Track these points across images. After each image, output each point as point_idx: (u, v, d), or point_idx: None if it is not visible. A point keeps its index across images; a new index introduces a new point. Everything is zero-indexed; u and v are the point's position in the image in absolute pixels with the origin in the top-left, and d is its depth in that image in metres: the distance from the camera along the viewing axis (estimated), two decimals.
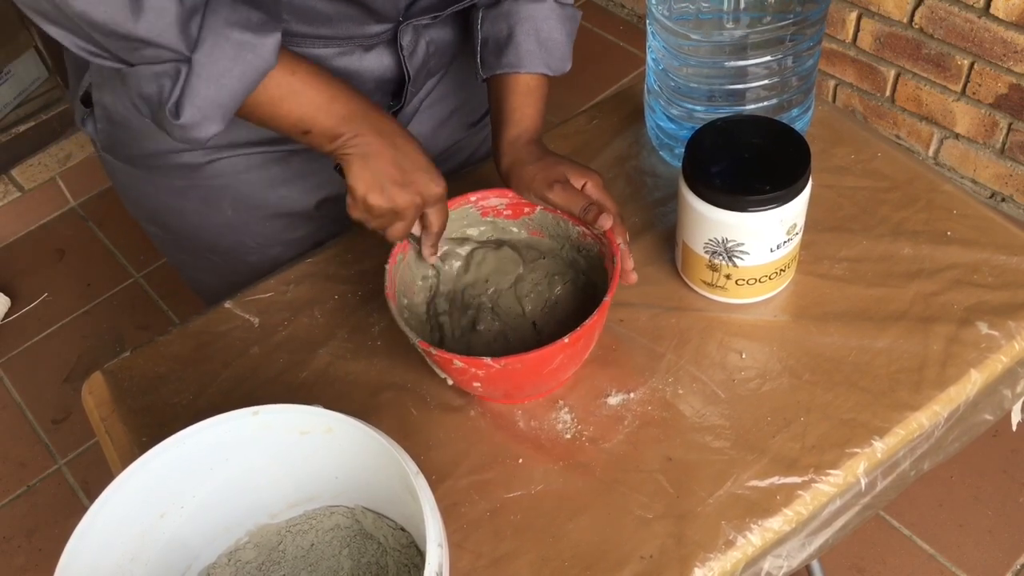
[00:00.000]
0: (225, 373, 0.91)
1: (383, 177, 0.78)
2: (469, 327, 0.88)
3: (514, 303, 0.89)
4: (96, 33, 0.67)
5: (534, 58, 0.88)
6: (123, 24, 0.66)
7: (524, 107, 0.88)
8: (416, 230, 0.84)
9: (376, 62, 0.88)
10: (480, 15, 0.90)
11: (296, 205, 0.99)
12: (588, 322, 0.75)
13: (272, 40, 0.72)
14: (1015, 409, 0.89)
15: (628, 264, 0.82)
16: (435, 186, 0.81)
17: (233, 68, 0.71)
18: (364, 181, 0.78)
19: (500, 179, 0.88)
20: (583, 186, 0.84)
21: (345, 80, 0.80)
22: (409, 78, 0.91)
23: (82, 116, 0.96)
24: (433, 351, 0.76)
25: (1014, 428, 0.92)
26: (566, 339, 0.74)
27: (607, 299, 0.77)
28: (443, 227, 0.84)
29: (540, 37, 0.88)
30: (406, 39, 0.88)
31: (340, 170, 0.80)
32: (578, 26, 0.92)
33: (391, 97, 0.95)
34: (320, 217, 1.02)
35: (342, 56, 0.86)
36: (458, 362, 0.76)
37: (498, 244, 0.91)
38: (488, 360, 0.74)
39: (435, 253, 0.86)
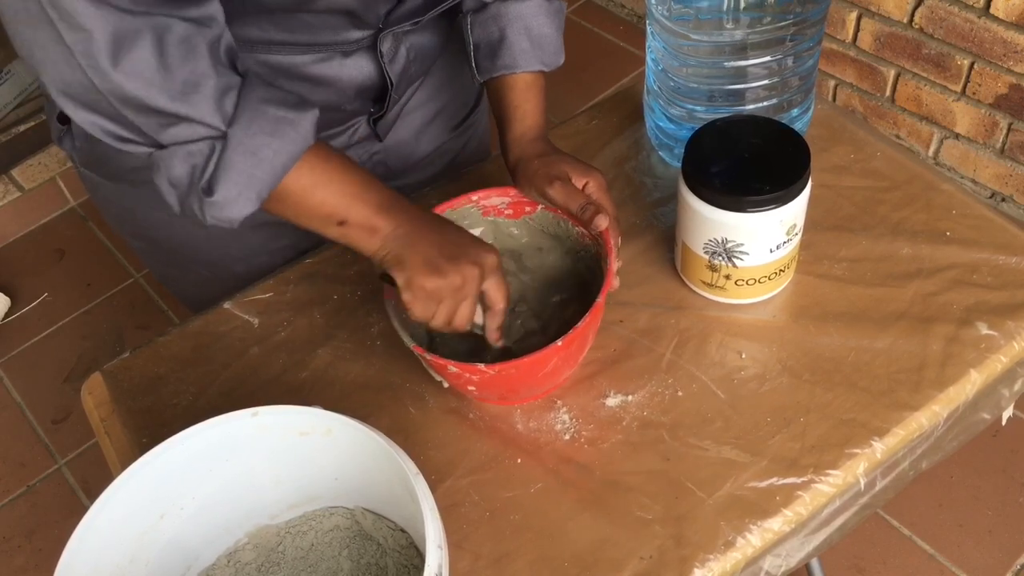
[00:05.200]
0: (225, 374, 0.91)
1: (434, 256, 0.74)
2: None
3: (514, 305, 0.89)
4: (128, 110, 0.66)
5: (529, 57, 0.88)
6: (157, 98, 0.65)
7: (525, 104, 0.88)
8: (478, 318, 0.80)
9: (356, 69, 0.88)
10: (468, 21, 0.90)
11: None
12: (580, 325, 0.75)
13: (310, 117, 0.71)
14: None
15: (612, 267, 0.81)
16: (489, 254, 0.76)
17: (272, 142, 0.69)
18: (416, 268, 0.74)
19: (507, 175, 0.89)
20: (584, 185, 0.84)
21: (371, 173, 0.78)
22: (392, 84, 0.91)
23: (58, 134, 0.95)
24: (427, 355, 0.76)
25: (1003, 423, 0.91)
26: (559, 343, 0.74)
27: (599, 300, 0.77)
28: (508, 302, 0.79)
29: (532, 35, 0.88)
30: (386, 46, 0.88)
31: (387, 278, 0.76)
32: (564, 18, 0.93)
33: (372, 104, 0.95)
34: None
35: (321, 63, 0.86)
36: (452, 367, 0.76)
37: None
38: (482, 366, 0.74)
39: (500, 337, 0.81)
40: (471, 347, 0.86)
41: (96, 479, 1.80)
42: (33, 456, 1.86)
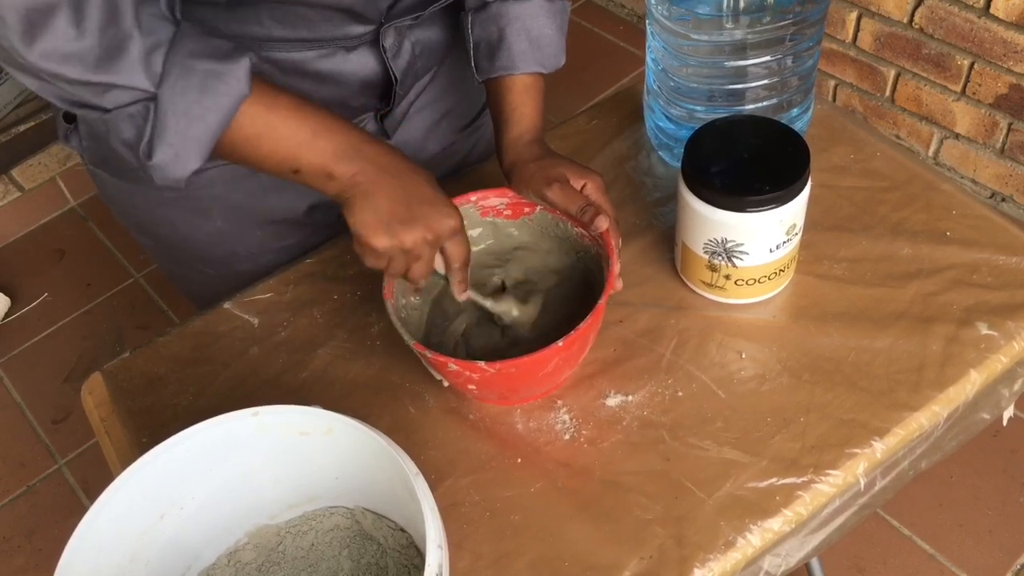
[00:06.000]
0: (225, 374, 0.91)
1: (386, 215, 0.73)
2: (470, 329, 0.88)
3: (514, 305, 0.89)
4: (63, 83, 0.65)
5: (527, 58, 0.88)
6: (81, 72, 0.64)
7: (522, 106, 0.88)
8: (440, 267, 0.80)
9: (359, 64, 0.88)
10: (469, 19, 0.89)
11: (286, 213, 0.99)
12: (582, 326, 0.75)
13: (241, 67, 0.69)
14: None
15: (615, 269, 0.81)
16: (447, 219, 0.75)
17: (202, 99, 0.68)
18: (365, 224, 0.73)
19: (503, 177, 0.88)
20: (583, 187, 0.84)
21: (334, 113, 0.75)
22: (396, 80, 0.91)
23: (65, 132, 0.94)
24: (428, 353, 0.76)
25: (1004, 423, 0.91)
26: (560, 343, 0.74)
27: (601, 302, 0.77)
28: (466, 260, 0.79)
29: (531, 36, 0.88)
30: (388, 41, 0.88)
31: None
32: (568, 18, 0.92)
33: (379, 100, 0.94)
34: (311, 224, 1.01)
35: (324, 58, 0.86)
36: (453, 365, 0.76)
37: (501, 258, 0.91)
38: (482, 364, 0.74)
39: (465, 289, 0.81)
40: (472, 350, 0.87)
41: (96, 479, 1.80)
42: (33, 456, 1.86)
